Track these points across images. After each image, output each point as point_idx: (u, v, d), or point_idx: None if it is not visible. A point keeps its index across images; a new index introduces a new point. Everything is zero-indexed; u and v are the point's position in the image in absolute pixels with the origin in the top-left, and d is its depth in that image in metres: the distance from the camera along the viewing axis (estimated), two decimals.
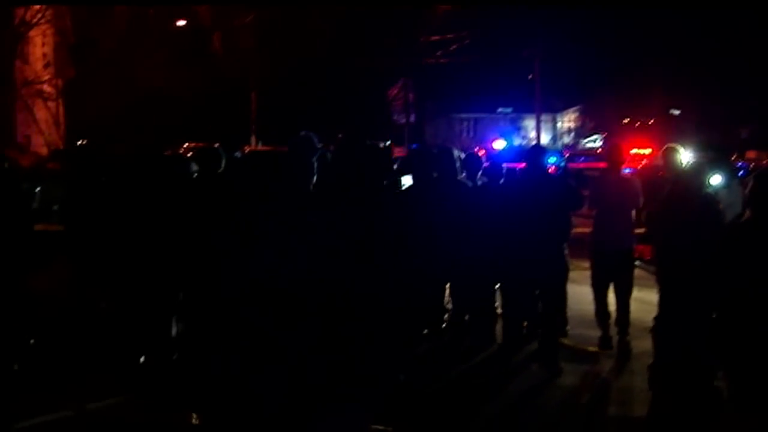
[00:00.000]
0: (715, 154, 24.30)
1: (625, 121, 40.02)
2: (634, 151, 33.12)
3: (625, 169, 19.08)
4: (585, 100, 53.57)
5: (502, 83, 45.93)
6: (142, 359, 9.88)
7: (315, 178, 8.50)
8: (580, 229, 10.63)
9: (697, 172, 9.64)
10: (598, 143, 48.79)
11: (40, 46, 25.84)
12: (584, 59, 42.19)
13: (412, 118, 37.24)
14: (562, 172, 11.22)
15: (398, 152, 13.90)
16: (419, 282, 9.77)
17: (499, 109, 55.93)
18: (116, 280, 10.88)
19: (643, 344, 10.30)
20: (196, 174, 10.20)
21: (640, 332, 10.70)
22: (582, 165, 30.97)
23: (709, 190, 18.68)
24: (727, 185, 19.10)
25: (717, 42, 37.52)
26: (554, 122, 58.42)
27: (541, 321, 10.19)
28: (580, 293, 10.92)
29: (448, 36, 36.11)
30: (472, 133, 60.97)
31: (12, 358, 9.74)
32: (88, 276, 11.48)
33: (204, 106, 24.05)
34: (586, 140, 55.17)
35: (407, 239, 9.25)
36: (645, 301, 11.15)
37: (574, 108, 58.04)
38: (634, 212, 10.49)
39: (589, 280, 10.55)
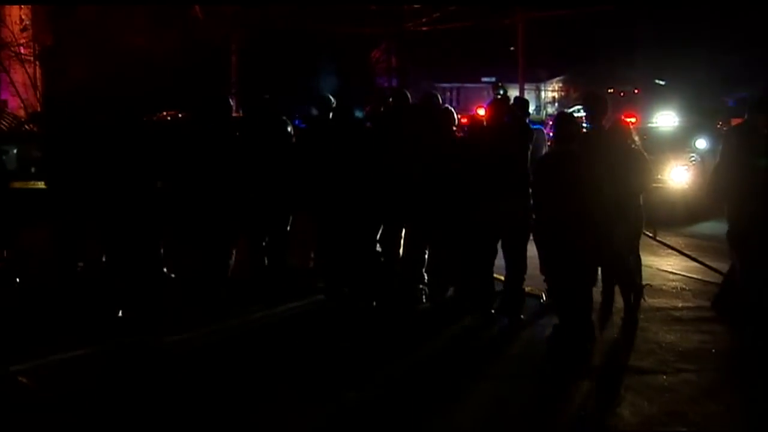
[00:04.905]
0: (699, 119, 24.36)
1: (610, 90, 39.65)
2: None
3: None
4: (569, 70, 53.43)
5: (485, 53, 45.59)
6: (120, 313, 10.12)
7: None
8: None
9: None
10: (582, 113, 48.97)
11: (17, 8, 25.46)
12: (568, 28, 41.82)
13: (394, 83, 36.97)
14: None
15: None
16: None
17: (483, 79, 55.91)
18: (102, 235, 11.15)
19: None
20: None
21: None
22: None
23: (696, 153, 19.01)
24: (712, 149, 19.24)
25: (703, 12, 37.39)
26: (538, 92, 58.26)
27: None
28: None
29: (432, 3, 35.89)
30: (455, 103, 61.07)
31: None
32: (67, 232, 11.57)
33: (184, 70, 23.69)
34: (570, 110, 55.16)
35: None
36: None
37: (558, 78, 57.94)
38: None
39: None
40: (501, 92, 21.48)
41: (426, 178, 11.03)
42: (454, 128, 11.70)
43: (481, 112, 28.36)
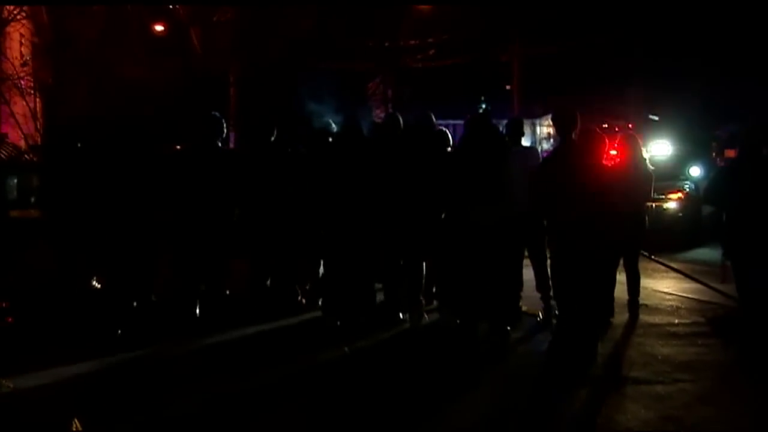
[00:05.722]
0: (693, 148, 24.59)
1: (605, 125, 39.93)
2: (614, 152, 33.32)
3: None
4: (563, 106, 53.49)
5: (481, 89, 45.74)
6: (119, 332, 10.38)
7: None
8: None
9: None
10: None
11: (17, 41, 25.62)
12: (562, 65, 41.98)
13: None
14: None
15: None
16: None
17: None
18: (101, 259, 11.36)
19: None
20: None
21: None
22: None
23: (689, 181, 19.24)
24: (706, 177, 19.44)
25: (695, 46, 37.71)
26: (533, 127, 58.39)
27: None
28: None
29: (428, 40, 36.01)
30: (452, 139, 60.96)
31: None
32: (67, 258, 11.70)
33: (183, 102, 23.82)
34: None
35: None
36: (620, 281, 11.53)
37: None
38: None
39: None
40: (482, 107, 21.60)
41: (421, 198, 11.18)
42: (449, 149, 11.87)
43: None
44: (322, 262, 12.11)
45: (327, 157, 11.70)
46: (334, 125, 12.64)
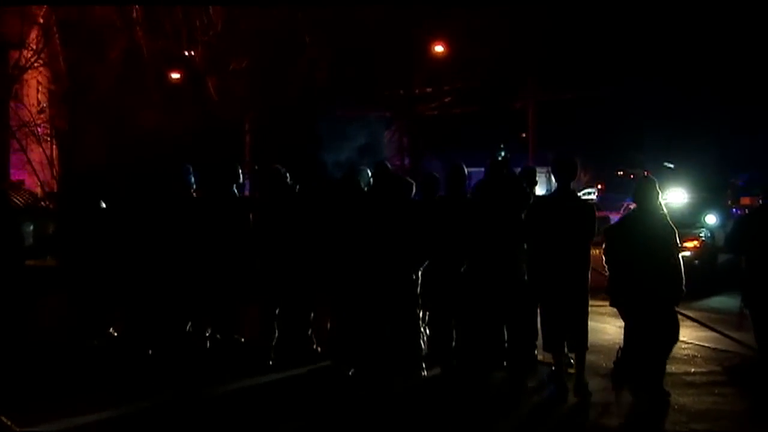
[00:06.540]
0: (709, 196, 24.53)
1: (620, 173, 40.08)
2: (629, 200, 33.26)
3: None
4: (579, 154, 53.66)
5: (496, 137, 45.86)
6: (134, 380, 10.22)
7: None
8: None
9: None
10: (593, 196, 49.32)
11: (35, 88, 25.84)
12: (577, 113, 42.10)
13: (407, 162, 37.04)
14: None
15: None
16: None
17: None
18: (116, 308, 11.44)
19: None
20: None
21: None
22: None
23: (705, 229, 19.06)
24: (722, 225, 19.28)
25: (709, 94, 37.84)
26: (549, 175, 58.41)
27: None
28: None
29: (445, 88, 36.13)
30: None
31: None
32: (83, 306, 11.74)
33: (199, 149, 23.94)
34: (581, 193, 55.25)
35: None
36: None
37: None
38: None
39: None
40: (501, 153, 21.38)
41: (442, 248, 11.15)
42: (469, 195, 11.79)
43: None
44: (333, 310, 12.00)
45: (337, 205, 11.64)
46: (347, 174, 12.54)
